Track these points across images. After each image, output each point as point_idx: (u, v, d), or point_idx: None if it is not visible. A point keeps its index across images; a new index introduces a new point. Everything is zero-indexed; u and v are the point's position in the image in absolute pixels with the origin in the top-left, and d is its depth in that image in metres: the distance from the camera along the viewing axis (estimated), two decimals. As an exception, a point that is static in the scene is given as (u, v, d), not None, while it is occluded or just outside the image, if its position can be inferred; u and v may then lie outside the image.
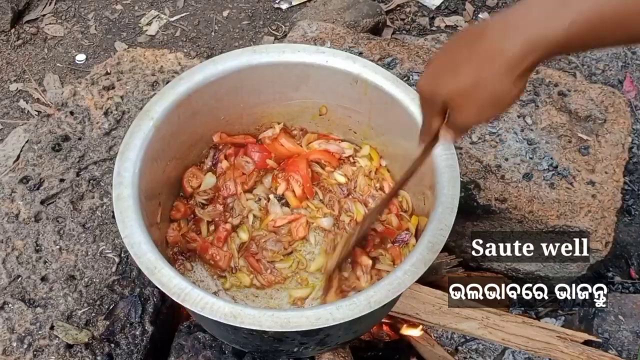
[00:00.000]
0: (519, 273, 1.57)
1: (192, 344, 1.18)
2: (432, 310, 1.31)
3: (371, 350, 1.35)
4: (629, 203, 1.81)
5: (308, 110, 1.24)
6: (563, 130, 1.42)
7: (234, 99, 1.18)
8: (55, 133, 1.42)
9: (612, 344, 1.33)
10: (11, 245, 1.26)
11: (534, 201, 1.34)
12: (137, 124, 1.05)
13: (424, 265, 0.90)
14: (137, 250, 0.91)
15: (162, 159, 1.10)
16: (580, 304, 1.60)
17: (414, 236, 1.15)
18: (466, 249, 1.56)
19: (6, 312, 1.18)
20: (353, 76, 1.13)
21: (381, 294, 0.87)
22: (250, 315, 0.85)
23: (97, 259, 1.26)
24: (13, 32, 2.37)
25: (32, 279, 1.22)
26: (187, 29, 2.40)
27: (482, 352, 1.39)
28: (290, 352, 1.10)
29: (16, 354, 1.14)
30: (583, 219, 1.32)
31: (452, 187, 0.99)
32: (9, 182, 1.35)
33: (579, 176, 1.36)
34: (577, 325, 1.45)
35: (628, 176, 1.84)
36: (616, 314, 1.37)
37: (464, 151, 1.39)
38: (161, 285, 0.88)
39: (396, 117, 1.11)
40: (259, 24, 2.43)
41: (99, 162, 1.38)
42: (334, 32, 1.63)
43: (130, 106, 1.47)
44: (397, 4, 2.50)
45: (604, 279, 1.67)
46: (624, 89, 2.03)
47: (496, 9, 2.49)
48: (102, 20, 2.44)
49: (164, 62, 1.55)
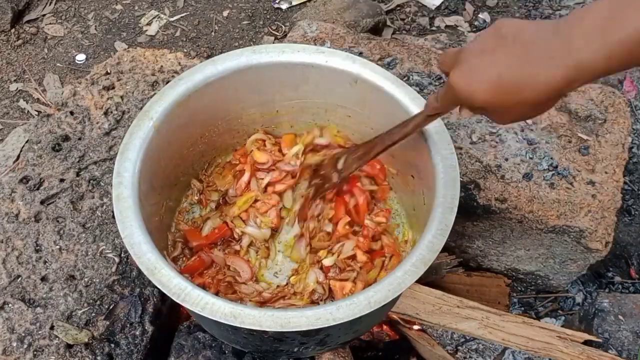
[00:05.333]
0: (519, 273, 1.57)
1: (192, 344, 1.18)
2: (432, 310, 1.31)
3: (371, 350, 1.35)
4: (629, 203, 1.81)
5: (308, 110, 1.24)
6: (563, 130, 1.42)
7: (233, 99, 1.18)
8: (55, 133, 1.42)
9: (612, 344, 1.33)
10: (11, 245, 1.26)
11: (534, 201, 1.34)
12: (137, 124, 1.05)
13: (424, 265, 0.90)
14: (137, 250, 0.91)
15: (162, 159, 1.10)
16: (580, 303, 1.60)
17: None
18: (466, 249, 1.56)
19: (6, 312, 1.18)
20: (353, 76, 1.13)
21: (381, 294, 0.87)
22: (250, 315, 0.85)
23: (97, 259, 1.26)
24: (13, 32, 2.37)
25: (32, 279, 1.22)
26: (187, 29, 2.40)
27: (482, 352, 1.39)
28: (290, 352, 1.10)
29: (16, 354, 1.14)
30: (583, 219, 1.32)
31: (452, 187, 0.98)
32: (9, 182, 1.35)
33: (579, 176, 1.36)
34: (577, 325, 1.45)
35: (628, 176, 1.84)
36: (616, 314, 1.37)
37: (464, 151, 1.39)
38: (161, 285, 0.88)
39: (396, 117, 1.11)
40: (259, 24, 2.43)
41: (99, 162, 1.38)
42: (334, 32, 1.63)
43: (130, 106, 1.47)
44: (397, 4, 2.50)
45: (604, 279, 1.68)
46: (624, 89, 2.03)
47: (496, 9, 2.49)
48: (102, 20, 2.44)
49: (164, 62, 1.56)
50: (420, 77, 1.51)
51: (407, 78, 1.51)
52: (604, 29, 0.62)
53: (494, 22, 0.78)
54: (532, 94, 0.68)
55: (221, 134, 1.23)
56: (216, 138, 1.23)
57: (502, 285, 1.55)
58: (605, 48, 0.62)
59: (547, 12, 2.46)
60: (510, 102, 0.70)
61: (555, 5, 2.49)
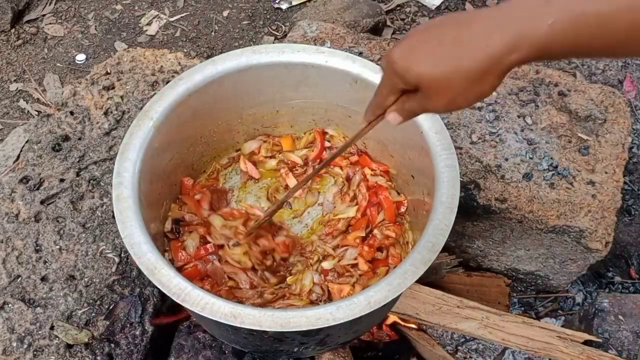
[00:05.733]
0: (519, 273, 1.57)
1: (192, 344, 1.18)
2: (432, 310, 1.31)
3: (371, 350, 1.35)
4: (629, 203, 1.81)
5: (308, 110, 1.24)
6: (563, 130, 1.42)
7: (233, 99, 1.18)
8: (55, 133, 1.42)
9: (612, 344, 1.33)
10: (11, 245, 1.26)
11: (534, 201, 1.34)
12: (137, 124, 1.05)
13: (424, 265, 0.90)
14: (137, 250, 0.91)
15: (162, 159, 1.10)
16: (580, 303, 1.60)
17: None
18: (466, 249, 1.56)
19: (6, 312, 1.18)
20: (353, 76, 1.13)
21: (381, 294, 0.87)
22: (250, 315, 0.85)
23: (97, 259, 1.26)
24: (13, 32, 2.37)
25: (32, 279, 1.22)
26: (187, 29, 2.40)
27: (482, 352, 1.39)
28: (290, 352, 1.10)
29: (16, 354, 1.14)
30: (583, 219, 1.32)
31: (452, 187, 0.98)
32: (9, 182, 1.35)
33: (579, 176, 1.36)
34: (577, 325, 1.45)
35: (628, 176, 1.84)
36: (616, 314, 1.37)
37: (464, 151, 1.39)
38: (161, 285, 0.88)
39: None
40: (259, 24, 2.43)
41: (99, 162, 1.38)
42: (334, 32, 1.63)
43: (130, 106, 1.47)
44: (397, 4, 2.50)
45: (604, 279, 1.68)
46: (624, 89, 2.03)
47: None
48: (102, 20, 2.44)
49: (164, 62, 1.56)
50: (420, 77, 1.51)
51: (407, 78, 1.51)
52: (547, 1, 0.61)
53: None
54: (471, 62, 0.65)
55: (221, 134, 1.23)
56: (216, 138, 1.23)
57: (502, 285, 1.55)
58: (549, 15, 0.60)
59: (547, 12, 2.46)
60: (448, 73, 0.66)
61: (555, 5, 2.49)
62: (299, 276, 1.11)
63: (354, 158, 1.25)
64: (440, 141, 1.03)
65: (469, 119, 1.44)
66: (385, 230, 1.16)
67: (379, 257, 1.14)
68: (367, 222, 1.17)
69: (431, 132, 1.04)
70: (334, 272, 1.11)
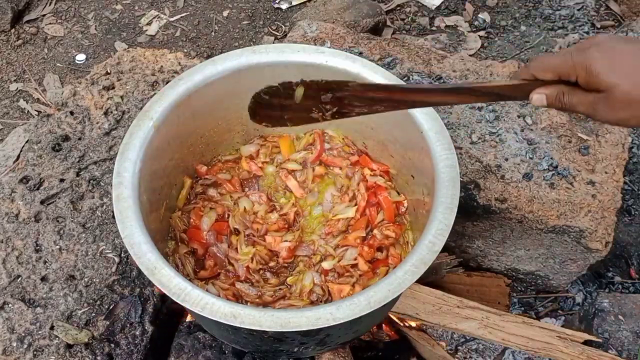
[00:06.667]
0: (519, 273, 1.57)
1: (192, 344, 1.18)
2: (432, 310, 1.31)
3: (371, 350, 1.35)
4: (629, 203, 1.81)
5: (308, 110, 1.24)
6: (563, 130, 1.42)
7: (233, 99, 1.18)
8: (55, 133, 1.42)
9: (612, 344, 1.33)
10: (11, 245, 1.26)
11: (534, 201, 1.34)
12: (137, 124, 1.05)
13: (424, 265, 0.90)
14: (137, 250, 0.91)
15: (162, 159, 1.10)
16: (580, 303, 1.60)
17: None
18: (466, 249, 1.56)
19: (6, 312, 1.18)
20: (353, 76, 1.13)
21: (381, 294, 0.87)
22: (250, 315, 0.85)
23: (97, 259, 1.26)
24: (13, 32, 2.37)
25: (32, 279, 1.22)
26: (187, 29, 2.40)
27: (482, 352, 1.39)
28: (290, 352, 1.10)
29: (16, 354, 1.14)
30: (583, 219, 1.32)
31: (452, 187, 0.98)
32: (9, 182, 1.35)
33: (579, 176, 1.36)
34: (577, 325, 1.45)
35: (628, 176, 1.84)
36: (616, 314, 1.37)
37: (464, 151, 1.38)
38: (161, 285, 0.88)
39: (396, 117, 1.11)
40: (259, 24, 2.43)
41: (99, 162, 1.38)
42: (334, 32, 1.63)
43: (130, 106, 1.47)
44: (397, 4, 2.50)
45: (604, 279, 1.68)
46: (624, 89, 2.02)
47: (496, 9, 2.49)
48: (102, 20, 2.44)
49: (164, 62, 1.56)
50: (420, 77, 1.51)
51: (407, 78, 1.51)
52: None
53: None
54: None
55: (221, 134, 1.23)
56: (216, 138, 1.23)
57: (502, 285, 1.55)
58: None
59: (547, 12, 2.46)
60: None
61: (555, 5, 2.49)
62: (299, 276, 1.12)
63: (353, 158, 1.25)
64: (440, 141, 1.03)
65: (469, 118, 1.44)
66: (385, 230, 1.16)
67: (379, 257, 1.14)
68: (367, 222, 1.17)
69: (431, 132, 1.04)
70: (334, 272, 1.11)
